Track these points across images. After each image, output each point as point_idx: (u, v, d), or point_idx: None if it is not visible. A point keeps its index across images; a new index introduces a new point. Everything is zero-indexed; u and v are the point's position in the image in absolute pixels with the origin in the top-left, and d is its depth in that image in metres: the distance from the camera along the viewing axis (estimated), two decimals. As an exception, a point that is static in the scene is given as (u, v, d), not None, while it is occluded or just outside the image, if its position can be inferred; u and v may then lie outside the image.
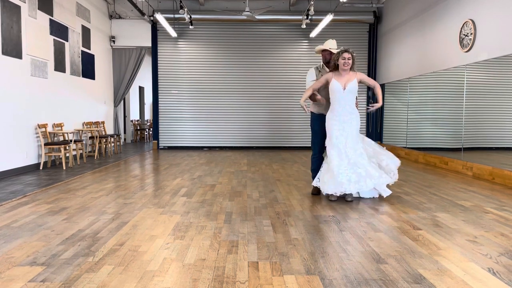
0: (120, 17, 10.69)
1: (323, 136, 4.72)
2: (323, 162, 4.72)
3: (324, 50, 4.76)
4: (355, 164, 4.42)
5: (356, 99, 4.61)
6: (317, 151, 4.87)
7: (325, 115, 4.66)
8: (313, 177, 4.84)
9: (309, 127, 5.03)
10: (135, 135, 14.14)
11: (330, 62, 4.58)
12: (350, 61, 4.37)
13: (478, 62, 6.30)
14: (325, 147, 4.69)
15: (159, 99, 11.03)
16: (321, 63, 4.88)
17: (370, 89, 10.93)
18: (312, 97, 4.70)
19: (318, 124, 4.79)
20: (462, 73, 6.76)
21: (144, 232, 3.30)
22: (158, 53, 10.90)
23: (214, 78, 11.00)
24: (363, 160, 4.45)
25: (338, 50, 4.49)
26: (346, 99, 4.44)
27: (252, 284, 2.31)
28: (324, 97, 4.67)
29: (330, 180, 4.43)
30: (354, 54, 4.43)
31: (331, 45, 4.73)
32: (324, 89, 4.68)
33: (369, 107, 4.59)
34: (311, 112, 4.93)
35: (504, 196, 4.79)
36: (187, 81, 10.99)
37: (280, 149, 10.92)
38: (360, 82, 4.52)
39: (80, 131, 8.66)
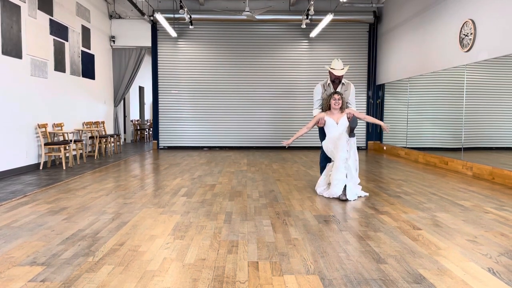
0: (120, 17, 10.69)
1: None
2: (325, 171, 4.94)
3: (329, 71, 5.10)
4: (348, 167, 4.60)
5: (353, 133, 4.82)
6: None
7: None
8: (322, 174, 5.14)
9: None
10: (135, 135, 14.14)
11: (324, 105, 5.04)
12: (340, 101, 4.85)
13: (478, 62, 6.30)
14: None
15: (159, 99, 11.03)
16: (328, 80, 5.16)
17: (369, 88, 10.94)
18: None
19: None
20: (462, 73, 6.76)
21: (144, 232, 3.30)
22: (158, 53, 10.90)
23: (214, 78, 11.00)
24: (353, 170, 4.65)
25: (330, 93, 4.94)
26: (340, 130, 4.83)
27: (252, 284, 2.31)
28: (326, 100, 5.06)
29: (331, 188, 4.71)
30: (343, 96, 4.91)
31: (336, 65, 5.00)
32: (325, 91, 5.16)
33: (384, 130, 4.95)
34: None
35: (504, 196, 4.80)
36: (187, 81, 10.99)
37: (280, 149, 10.92)
38: (349, 118, 4.87)
39: (80, 131, 8.65)
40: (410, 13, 8.78)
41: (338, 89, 5.05)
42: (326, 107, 4.99)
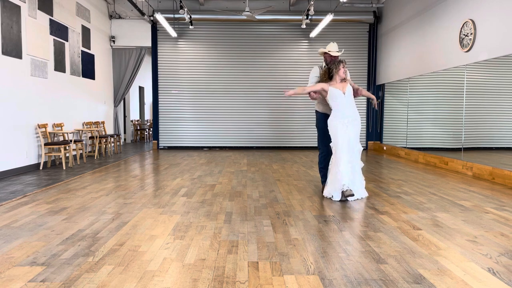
0: (120, 17, 10.69)
1: (329, 133, 4.80)
2: (329, 170, 4.79)
3: (325, 53, 4.96)
4: (352, 163, 4.57)
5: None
6: (324, 149, 4.96)
7: (329, 114, 4.75)
8: (322, 175, 5.02)
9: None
10: (135, 135, 14.14)
11: (328, 73, 4.74)
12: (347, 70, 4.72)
13: (478, 62, 6.30)
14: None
15: (159, 99, 11.03)
16: (323, 64, 5.08)
17: (369, 88, 10.93)
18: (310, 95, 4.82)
19: (323, 122, 4.90)
20: (462, 73, 6.76)
21: (144, 232, 3.30)
22: (158, 53, 10.90)
23: (214, 78, 11.00)
24: (356, 162, 4.61)
25: (337, 61, 4.72)
26: (348, 101, 4.62)
27: (252, 284, 2.31)
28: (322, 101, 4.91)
29: (333, 178, 4.57)
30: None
31: (332, 48, 4.91)
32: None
33: (374, 106, 4.97)
34: (316, 111, 5.13)
35: (504, 196, 4.79)
36: (187, 81, 11.00)
37: (280, 149, 10.92)
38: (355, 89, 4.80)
39: (80, 131, 8.65)
40: (410, 13, 8.78)
41: None
42: (324, 78, 4.72)
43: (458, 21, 6.87)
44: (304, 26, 10.06)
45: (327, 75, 4.71)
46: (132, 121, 14.17)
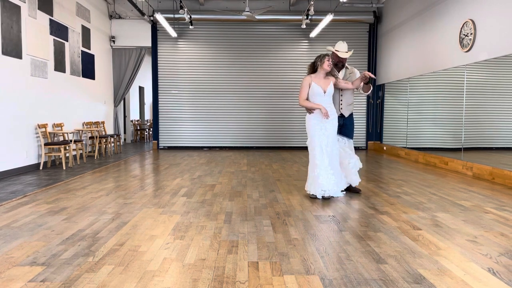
0: (120, 17, 10.69)
1: None
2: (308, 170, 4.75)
3: (333, 52, 4.87)
4: (331, 164, 4.55)
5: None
6: None
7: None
8: None
9: None
10: (135, 135, 14.14)
11: (313, 65, 4.64)
12: (332, 64, 4.55)
13: (478, 62, 6.30)
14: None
15: (159, 99, 11.03)
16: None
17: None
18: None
19: None
20: (462, 73, 6.76)
21: (144, 232, 3.30)
22: (158, 53, 10.90)
23: (214, 78, 11.00)
24: (337, 162, 4.62)
25: (324, 54, 4.60)
26: (326, 101, 4.57)
27: (252, 284, 2.31)
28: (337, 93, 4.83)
29: (312, 181, 4.61)
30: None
31: (341, 47, 4.81)
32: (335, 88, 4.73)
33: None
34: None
35: (504, 196, 4.79)
36: (187, 81, 11.00)
37: (280, 149, 10.92)
38: (334, 86, 4.63)
39: (80, 131, 8.65)
40: (410, 13, 8.79)
41: (342, 73, 4.85)
42: (311, 69, 4.61)
43: (458, 21, 6.87)
44: (304, 26, 10.06)
45: (312, 68, 4.60)
46: (132, 121, 14.17)
